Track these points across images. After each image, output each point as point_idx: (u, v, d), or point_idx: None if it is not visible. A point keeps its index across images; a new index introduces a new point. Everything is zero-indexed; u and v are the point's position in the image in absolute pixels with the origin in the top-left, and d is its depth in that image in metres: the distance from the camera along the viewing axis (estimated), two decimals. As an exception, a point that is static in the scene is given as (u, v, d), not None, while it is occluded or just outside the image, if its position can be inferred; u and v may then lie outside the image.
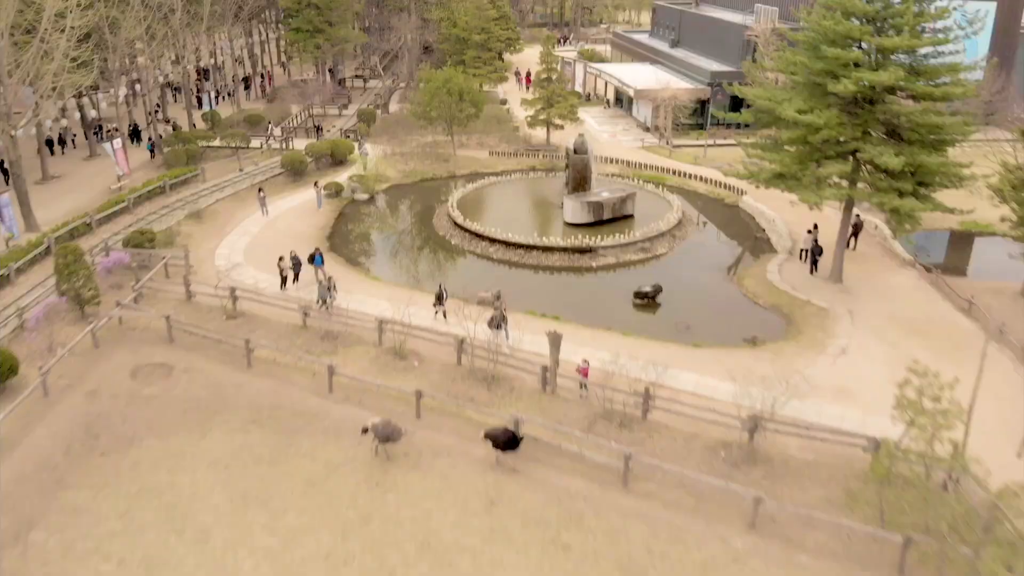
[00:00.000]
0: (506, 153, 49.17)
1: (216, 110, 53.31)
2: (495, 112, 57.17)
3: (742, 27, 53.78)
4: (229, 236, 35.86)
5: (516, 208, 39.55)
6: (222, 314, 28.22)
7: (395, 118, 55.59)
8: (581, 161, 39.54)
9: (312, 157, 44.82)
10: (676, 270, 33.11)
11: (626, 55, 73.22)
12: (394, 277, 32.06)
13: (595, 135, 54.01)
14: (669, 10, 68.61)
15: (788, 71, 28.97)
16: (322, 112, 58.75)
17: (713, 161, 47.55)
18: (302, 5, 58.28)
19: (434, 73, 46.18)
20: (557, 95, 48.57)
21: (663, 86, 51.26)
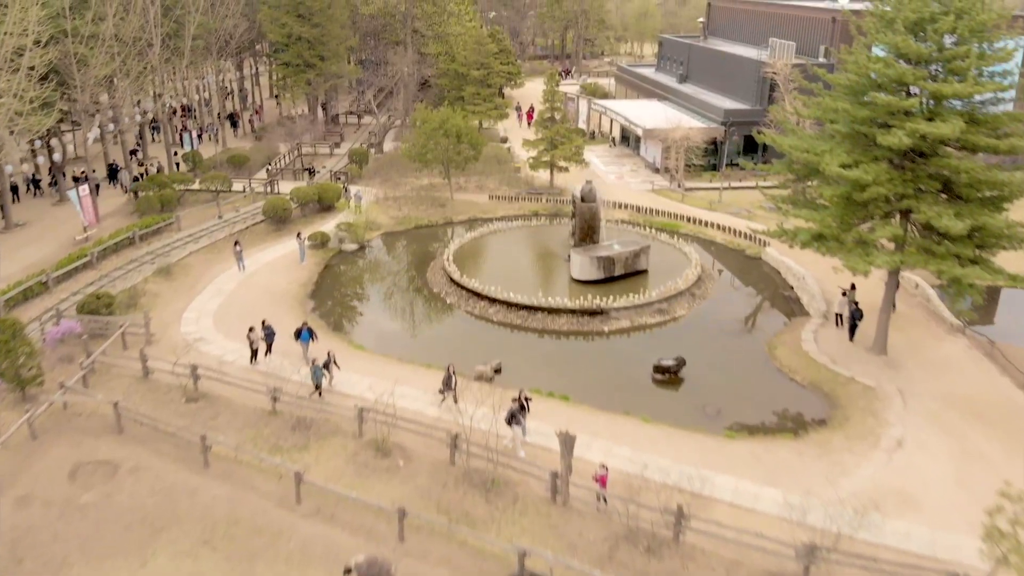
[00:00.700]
0: (507, 197, 45.87)
1: (197, 150, 50.08)
2: (495, 152, 54.07)
3: (757, 63, 50.81)
4: (200, 296, 32.31)
5: (518, 261, 36.09)
6: (182, 395, 24.60)
7: (389, 158, 52.43)
8: (589, 210, 36.19)
9: (297, 203, 41.47)
10: (698, 336, 29.54)
11: (631, 90, 70.39)
12: (381, 346, 28.43)
13: (601, 176, 50.84)
14: (676, 43, 65.87)
15: (827, 118, 25.63)
16: (312, 151, 55.67)
17: (730, 206, 44.25)
18: (291, 39, 55.39)
19: (430, 113, 43.05)
20: (561, 136, 45.40)
21: (674, 125, 48.12)
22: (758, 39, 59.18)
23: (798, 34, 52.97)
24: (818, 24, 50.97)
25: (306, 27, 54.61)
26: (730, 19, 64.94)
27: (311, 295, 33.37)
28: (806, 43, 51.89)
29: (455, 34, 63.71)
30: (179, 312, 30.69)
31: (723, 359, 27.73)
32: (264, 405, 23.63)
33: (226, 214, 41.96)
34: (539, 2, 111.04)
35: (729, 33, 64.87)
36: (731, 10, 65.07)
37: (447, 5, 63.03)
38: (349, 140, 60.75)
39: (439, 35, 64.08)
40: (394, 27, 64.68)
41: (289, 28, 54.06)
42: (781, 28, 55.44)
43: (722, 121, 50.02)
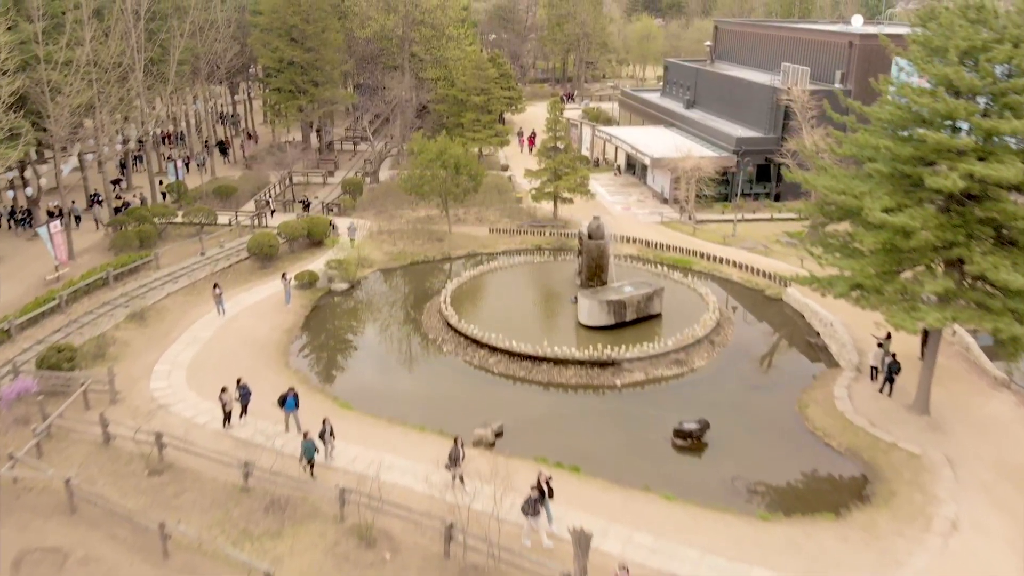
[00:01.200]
0: (508, 231, 43.36)
1: (182, 181, 47.68)
2: (495, 181, 51.70)
3: (770, 89, 48.57)
4: (174, 344, 29.67)
5: (520, 303, 33.48)
6: (145, 466, 21.90)
7: (385, 188, 50.02)
8: (597, 248, 33.68)
9: (285, 238, 38.96)
10: (720, 391, 26.87)
11: (635, 115, 68.20)
12: (369, 403, 25.72)
13: (606, 207, 48.42)
14: (683, 68, 63.76)
15: (863, 156, 23.14)
16: (304, 180, 53.28)
17: (744, 240, 41.75)
18: (283, 64, 53.19)
19: (427, 143, 40.65)
20: (565, 166, 43.02)
21: (683, 154, 45.72)
22: (769, 63, 57.04)
23: (812, 59, 50.79)
24: (834, 49, 48.79)
25: (298, 51, 52.44)
26: (738, 42, 62.91)
27: (295, 343, 30.74)
28: (821, 68, 49.69)
29: (454, 58, 61.61)
30: (150, 365, 28.03)
31: (750, 420, 25.04)
32: (235, 480, 20.92)
33: (209, 250, 39.44)
34: (540, 25, 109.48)
35: (737, 57, 62.78)
36: (739, 33, 63.06)
37: (446, 29, 61.01)
38: (344, 168, 58.41)
39: (437, 59, 61.99)
40: (391, 51, 62.62)
41: (281, 53, 51.88)
42: (793, 52, 53.29)
43: (734, 149, 47.66)
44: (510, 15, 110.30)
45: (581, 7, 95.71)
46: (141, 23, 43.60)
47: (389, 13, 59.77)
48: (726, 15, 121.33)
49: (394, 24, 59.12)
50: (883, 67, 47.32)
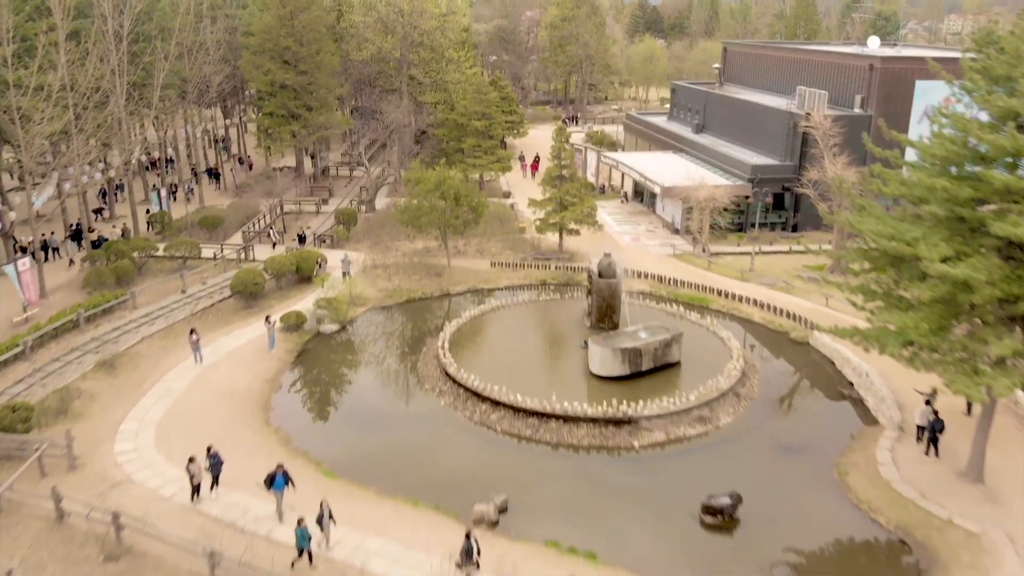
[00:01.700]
0: (511, 264, 40.80)
1: (166, 210, 45.18)
2: (497, 210, 49.24)
3: (786, 114, 46.25)
4: (145, 398, 26.97)
5: (524, 348, 30.82)
6: (100, 550, 19.15)
7: (381, 218, 47.48)
8: (608, 288, 31.10)
9: (272, 274, 36.39)
10: (749, 454, 24.15)
11: (641, 140, 65.94)
12: (356, 469, 22.93)
13: (614, 237, 45.94)
14: (691, 91, 61.57)
15: (914, 196, 20.59)
16: (297, 209, 50.80)
17: (763, 275, 39.21)
18: (275, 87, 50.90)
19: (425, 172, 38.19)
20: (572, 195, 40.58)
21: (695, 183, 43.28)
22: (781, 87, 54.81)
23: (829, 82, 48.51)
24: (853, 72, 46.51)
25: (291, 74, 50.16)
26: (749, 65, 60.77)
27: (277, 394, 28.03)
28: (839, 92, 47.40)
29: (454, 81, 59.45)
30: (116, 423, 25.30)
31: (786, 490, 22.29)
32: (200, 570, 18.15)
33: (191, 287, 36.85)
34: (541, 46, 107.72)
35: (748, 80, 60.62)
36: (749, 56, 60.95)
37: (445, 51, 58.88)
38: (339, 196, 55.96)
39: (437, 82, 59.81)
40: (389, 74, 60.47)
41: (273, 75, 49.60)
42: (809, 75, 51.05)
43: (749, 178, 45.23)
44: (511, 36, 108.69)
45: (584, 29, 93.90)
46: (124, 45, 41.34)
47: (387, 35, 57.66)
48: (729, 37, 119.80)
49: (392, 46, 56.98)
50: (906, 92, 45.08)
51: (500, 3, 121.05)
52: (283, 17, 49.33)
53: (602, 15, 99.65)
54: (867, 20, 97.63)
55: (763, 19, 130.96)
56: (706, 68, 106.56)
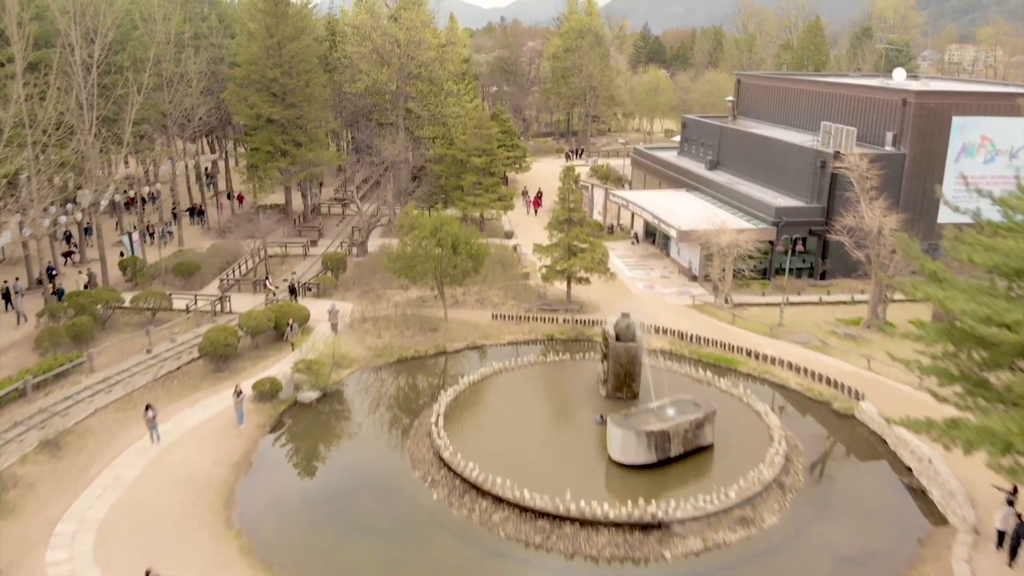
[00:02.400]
0: (514, 317, 36.95)
1: (137, 256, 41.39)
2: (499, 253, 45.55)
3: (811, 152, 42.74)
4: (90, 488, 22.98)
5: (531, 423, 26.85)
6: None
7: (373, 262, 43.68)
8: (627, 353, 27.25)
9: (247, 333, 32.54)
10: (803, 567, 20.10)
11: (650, 176, 62.51)
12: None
13: (626, 284, 42.20)
14: (704, 125, 58.25)
15: (1009, 269, 16.80)
16: (282, 252, 47.04)
17: (794, 330, 35.42)
18: (261, 121, 47.46)
19: (420, 217, 34.51)
20: (581, 240, 36.93)
21: (714, 226, 39.65)
22: (801, 121, 51.50)
23: (856, 117, 45.14)
24: (884, 107, 43.12)
25: (278, 108, 46.74)
26: (764, 98, 57.54)
27: (243, 483, 23.99)
28: (868, 128, 44.00)
29: (453, 115, 56.13)
30: (53, 521, 21.30)
31: (854, 622, 18.24)
32: None
33: (159, 345, 33.01)
34: (543, 78, 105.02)
35: (763, 113, 57.36)
36: (766, 88, 57.72)
37: (444, 83, 55.63)
38: (329, 236, 52.27)
39: (435, 116, 56.47)
40: (384, 107, 57.17)
41: (259, 109, 46.19)
42: (832, 110, 47.71)
43: (773, 221, 41.60)
44: (512, 67, 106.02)
45: (588, 60, 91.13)
46: (93, 76, 37.94)
47: (382, 66, 54.44)
48: (734, 68, 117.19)
49: (387, 78, 53.71)
50: (942, 128, 41.60)
51: (501, 33, 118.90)
52: (270, 47, 46.06)
53: (606, 46, 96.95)
54: (879, 50, 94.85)
55: (769, 49, 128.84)
56: (713, 99, 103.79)
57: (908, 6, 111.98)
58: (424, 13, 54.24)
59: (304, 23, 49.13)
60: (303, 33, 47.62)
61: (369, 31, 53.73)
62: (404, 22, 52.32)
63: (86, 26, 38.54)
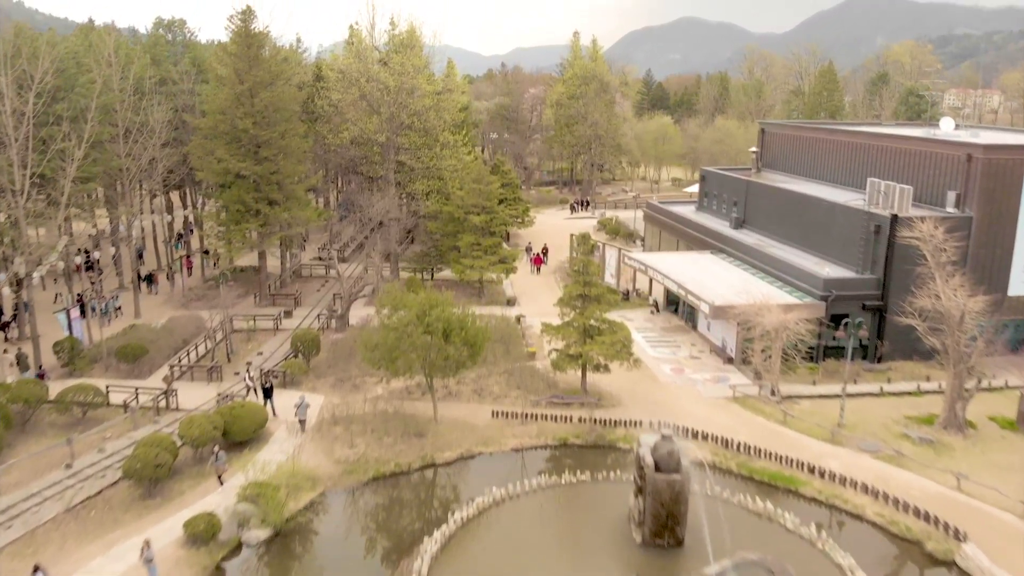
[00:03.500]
0: (519, 415, 30.60)
1: (76, 337, 35.20)
2: (500, 328, 39.46)
3: (861, 213, 36.93)
4: None
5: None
6: None
7: (353, 340, 37.29)
8: (670, 489, 20.95)
9: (187, 444, 26.22)
10: None
11: (666, 233, 56.81)
12: None
13: (649, 366, 35.98)
14: (726, 179, 52.69)
15: None
16: (251, 325, 40.88)
17: (857, 433, 29.23)
18: (230, 177, 41.73)
19: (403, 297, 28.40)
20: (600, 320, 30.89)
21: (755, 300, 33.64)
22: (840, 176, 45.92)
23: (908, 173, 39.51)
24: (944, 163, 37.44)
25: (249, 162, 41.06)
26: (794, 149, 52.08)
27: None
28: (925, 186, 38.33)
29: (449, 168, 50.61)
30: None
31: None
32: None
33: (83, 457, 26.70)
34: (546, 125, 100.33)
35: (793, 166, 51.85)
36: (795, 138, 52.27)
37: (440, 134, 50.21)
38: (308, 304, 46.20)
39: (429, 168, 50.95)
40: (373, 159, 51.67)
41: (227, 164, 40.51)
42: (879, 164, 42.07)
43: (821, 295, 35.59)
44: (513, 114, 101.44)
45: (594, 107, 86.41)
46: (27, 128, 32.35)
47: (371, 115, 49.08)
48: (742, 114, 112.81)
49: (376, 128, 48.29)
50: (1013, 188, 35.86)
51: (502, 80, 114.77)
52: (240, 94, 40.58)
53: (612, 92, 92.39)
54: (899, 96, 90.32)
55: (778, 94, 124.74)
56: (723, 148, 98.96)
57: (926, 51, 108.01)
58: (417, 58, 49.08)
59: (280, 67, 43.79)
60: (279, 79, 42.20)
61: (356, 76, 48.46)
62: (395, 67, 47.07)
63: (20, 70, 33.14)
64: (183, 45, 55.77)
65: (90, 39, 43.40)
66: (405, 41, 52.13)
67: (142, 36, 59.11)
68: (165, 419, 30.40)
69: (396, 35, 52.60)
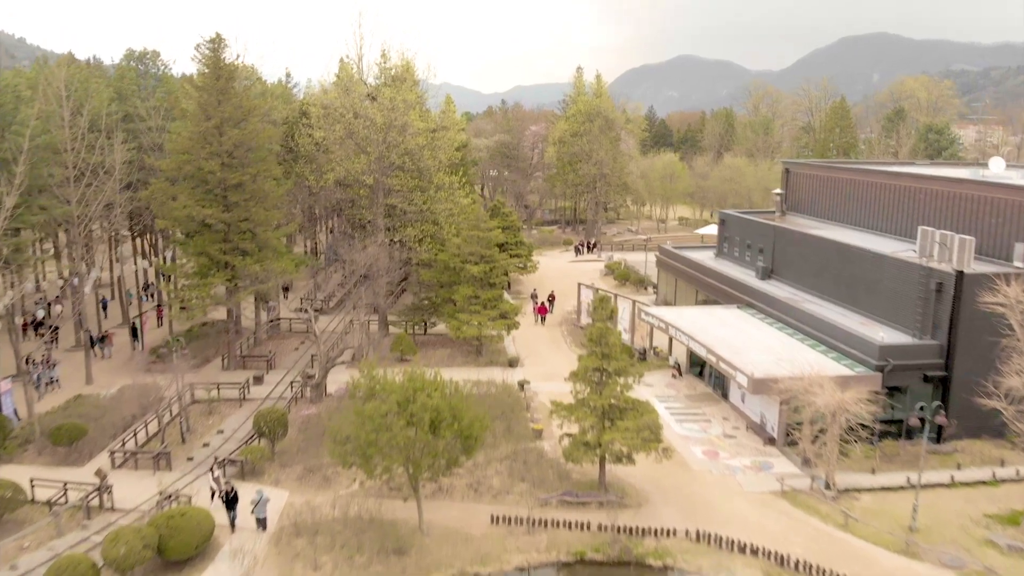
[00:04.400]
0: (524, 520, 25.15)
1: (3, 415, 29.87)
2: (501, 400, 34.22)
3: (917, 268, 31.89)
4: None
5: None
6: None
7: (327, 418, 31.76)
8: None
9: (111, 567, 20.79)
10: None
11: (682, 281, 51.80)
12: None
13: (677, 447, 30.50)
14: (750, 223, 47.83)
15: None
16: (213, 396, 35.55)
17: (933, 540, 23.84)
18: (194, 224, 36.77)
19: (383, 380, 23.09)
20: (622, 400, 25.66)
21: (800, 370, 28.45)
22: (881, 223, 41.11)
23: (965, 221, 34.64)
24: (1010, 210, 32.53)
25: (215, 209, 36.16)
26: (824, 191, 47.32)
27: None
28: (986, 236, 33.43)
29: (445, 212, 45.82)
30: None
31: None
32: None
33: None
34: (547, 163, 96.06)
35: (823, 210, 47.08)
36: (824, 179, 47.54)
37: (434, 176, 45.48)
38: (282, 366, 40.94)
39: (423, 212, 46.15)
40: (360, 203, 46.84)
41: (190, 210, 35.58)
42: (928, 210, 37.24)
43: (877, 364, 30.39)
44: (514, 152, 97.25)
45: (598, 145, 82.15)
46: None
47: (359, 154, 44.41)
48: (749, 152, 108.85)
49: (363, 169, 43.57)
50: (1098, 239, 31.08)
51: (502, 117, 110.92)
52: (207, 132, 35.84)
53: (617, 129, 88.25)
54: (917, 133, 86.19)
55: (786, 131, 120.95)
56: (733, 186, 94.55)
57: (943, 86, 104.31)
58: (409, 92, 44.56)
59: (255, 103, 39.11)
60: (252, 115, 37.47)
61: (342, 112, 43.86)
62: (384, 102, 42.47)
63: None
64: (156, 79, 51.37)
65: (44, 72, 38.83)
66: (397, 75, 47.78)
67: (110, 68, 54.65)
68: (97, 522, 25.05)
69: (387, 68, 48.25)
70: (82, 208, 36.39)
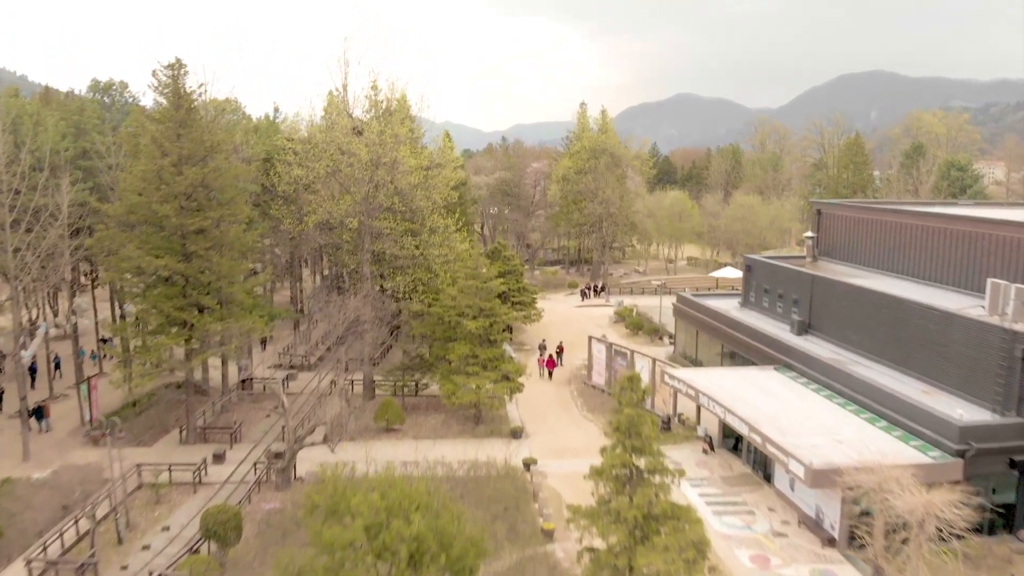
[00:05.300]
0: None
1: None
2: (502, 490, 28.75)
3: (997, 331, 26.73)
4: None
5: None
6: None
7: (293, 513, 26.32)
8: None
9: None
10: None
11: (703, 333, 46.77)
12: None
13: (713, 540, 24.91)
14: (781, 270, 42.83)
15: None
16: (162, 481, 30.03)
17: None
18: (146, 276, 31.60)
19: (345, 497, 17.70)
20: (661, 512, 20.31)
21: (866, 457, 23.16)
22: (932, 272, 36.08)
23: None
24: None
25: (170, 259, 31.01)
26: (863, 235, 42.34)
27: None
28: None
29: (439, 257, 40.85)
30: None
31: None
32: None
33: None
34: (550, 202, 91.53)
35: (861, 256, 42.10)
36: (864, 222, 42.58)
37: (427, 218, 40.60)
38: (249, 439, 35.50)
39: (415, 258, 41.18)
40: (344, 248, 41.88)
41: (139, 261, 30.41)
42: (995, 260, 32.22)
43: (957, 448, 25.08)
44: (515, 190, 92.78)
45: (605, 183, 77.66)
46: None
47: (343, 194, 39.59)
48: (754, 189, 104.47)
49: (347, 211, 38.69)
50: None
51: (503, 154, 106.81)
52: (162, 171, 30.99)
53: (623, 167, 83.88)
54: (939, 169, 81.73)
55: (795, 168, 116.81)
56: (744, 225, 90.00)
57: (962, 120, 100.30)
58: (400, 126, 39.86)
59: (221, 137, 34.36)
60: (216, 151, 32.67)
61: (324, 148, 39.13)
62: (370, 136, 37.75)
63: None
64: (124, 112, 46.78)
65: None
66: (389, 107, 43.17)
67: (71, 100, 50.11)
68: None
69: (377, 101, 43.68)
70: (18, 258, 31.34)
